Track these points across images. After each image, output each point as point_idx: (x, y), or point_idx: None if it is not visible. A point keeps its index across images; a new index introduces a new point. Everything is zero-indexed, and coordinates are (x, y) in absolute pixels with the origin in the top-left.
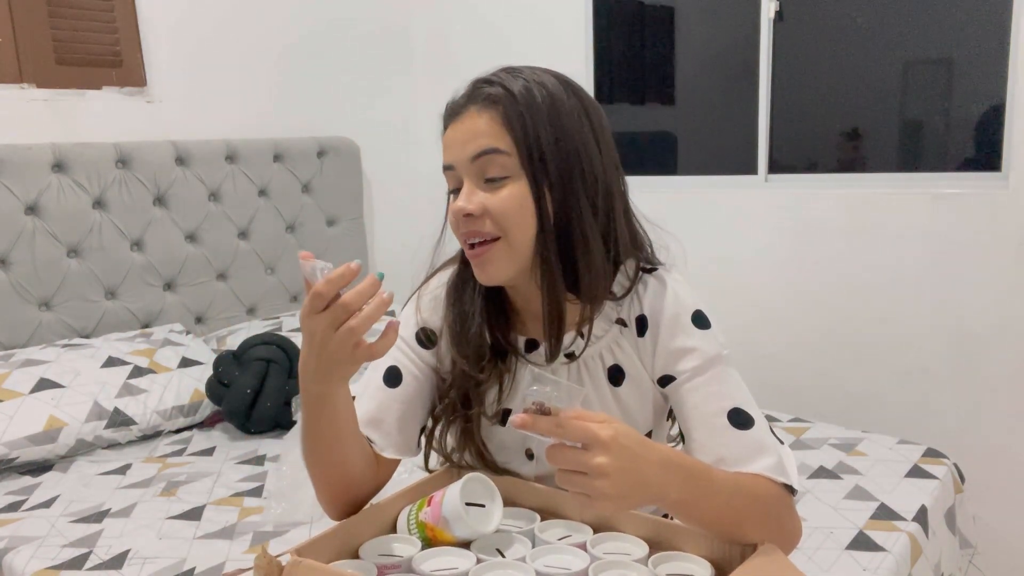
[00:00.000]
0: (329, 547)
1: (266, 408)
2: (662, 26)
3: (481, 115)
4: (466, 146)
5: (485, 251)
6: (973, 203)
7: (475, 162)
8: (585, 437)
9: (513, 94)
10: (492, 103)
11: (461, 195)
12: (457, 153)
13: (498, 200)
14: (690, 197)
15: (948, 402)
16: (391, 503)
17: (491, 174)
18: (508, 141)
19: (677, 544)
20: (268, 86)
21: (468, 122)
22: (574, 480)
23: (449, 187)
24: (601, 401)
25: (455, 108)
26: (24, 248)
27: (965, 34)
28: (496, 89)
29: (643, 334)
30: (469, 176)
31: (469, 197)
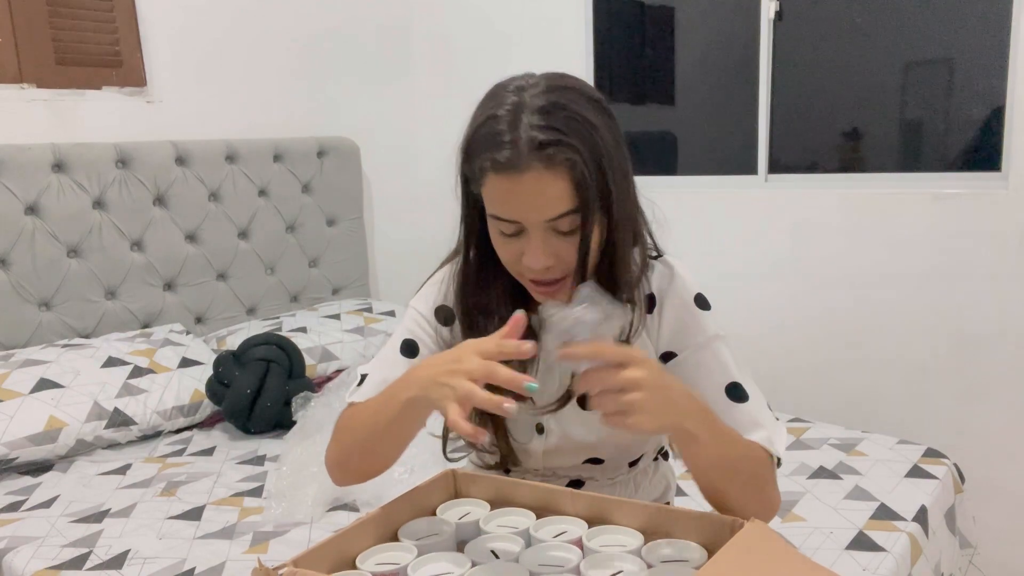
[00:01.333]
0: (326, 557)
1: (266, 408)
2: (662, 26)
3: (550, 176)
4: (539, 209)
5: (558, 286)
6: (973, 203)
7: (550, 222)
8: (623, 356)
9: (578, 150)
10: (559, 163)
11: (535, 250)
12: (526, 213)
13: (574, 252)
14: (690, 197)
15: (948, 402)
16: (388, 513)
17: (564, 228)
18: (579, 200)
19: (671, 530)
20: (268, 86)
21: (536, 183)
22: (614, 399)
23: (495, 224)
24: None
25: (514, 161)
26: (24, 248)
27: (965, 34)
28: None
29: (651, 311)
30: (538, 230)
31: (545, 253)
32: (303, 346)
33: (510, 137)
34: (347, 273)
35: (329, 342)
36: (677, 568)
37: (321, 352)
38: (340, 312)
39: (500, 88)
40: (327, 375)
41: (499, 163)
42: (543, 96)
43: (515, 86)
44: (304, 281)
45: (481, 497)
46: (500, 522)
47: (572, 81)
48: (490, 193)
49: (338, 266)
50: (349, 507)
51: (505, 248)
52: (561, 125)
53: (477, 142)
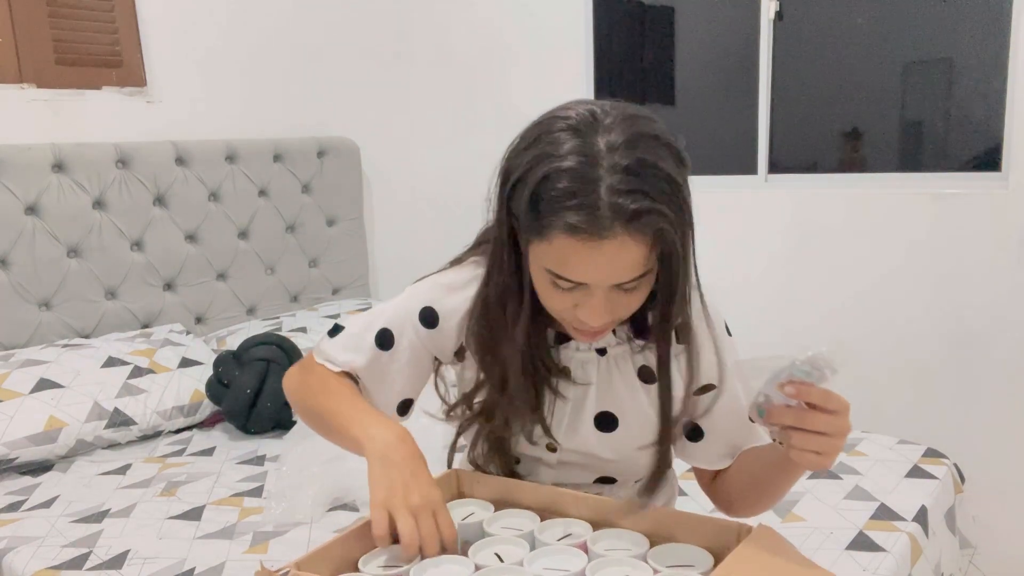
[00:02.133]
0: (328, 560)
1: (266, 408)
2: (662, 26)
3: (633, 244)
4: (614, 275)
5: (602, 334)
6: (973, 203)
7: (619, 284)
8: (840, 405)
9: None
10: (647, 232)
11: (597, 309)
12: (601, 276)
13: (630, 304)
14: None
15: (948, 402)
16: None
17: (631, 287)
18: (653, 259)
19: (676, 535)
20: (268, 86)
21: (618, 250)
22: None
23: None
24: (632, 396)
25: (595, 229)
26: (24, 248)
27: (965, 34)
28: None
29: (681, 340)
30: (603, 290)
31: (607, 312)
32: (303, 346)
33: (590, 200)
34: (347, 273)
35: None
36: (683, 573)
37: None
38: (340, 312)
39: (554, 124)
40: None
41: (576, 228)
42: (627, 149)
43: (578, 123)
44: (304, 281)
45: (485, 497)
46: (504, 524)
47: (653, 126)
48: (555, 252)
49: (338, 266)
50: (349, 507)
51: (556, 299)
52: (651, 189)
53: (544, 194)
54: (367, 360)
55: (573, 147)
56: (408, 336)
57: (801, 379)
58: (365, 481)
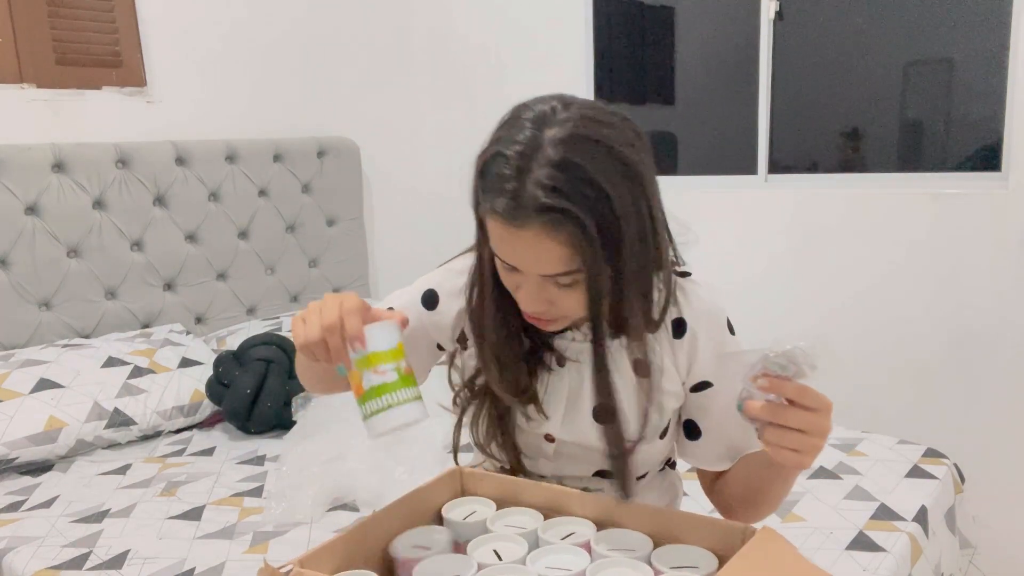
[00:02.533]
0: (331, 557)
1: (266, 408)
2: (662, 26)
3: (549, 240)
4: (536, 265)
5: (550, 325)
6: (973, 203)
7: (546, 277)
8: (820, 402)
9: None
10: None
11: (528, 296)
12: (524, 264)
13: (569, 302)
14: (690, 197)
15: (948, 402)
16: (393, 511)
17: (563, 282)
18: (579, 261)
19: (680, 536)
20: (268, 86)
21: (535, 241)
22: (793, 437)
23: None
24: (626, 388)
25: (515, 215)
26: (24, 248)
27: (965, 34)
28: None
29: (680, 336)
30: (535, 279)
31: (538, 300)
32: None
33: (513, 186)
34: (347, 273)
35: None
36: (686, 574)
37: None
38: None
39: (523, 111)
40: None
41: (497, 213)
42: (562, 147)
43: (538, 114)
44: (304, 281)
45: (488, 496)
46: (507, 522)
47: (603, 131)
48: (491, 232)
49: (338, 266)
50: (349, 507)
51: (505, 277)
52: (571, 191)
53: (485, 176)
54: None
55: (523, 137)
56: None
57: (776, 373)
58: (365, 481)
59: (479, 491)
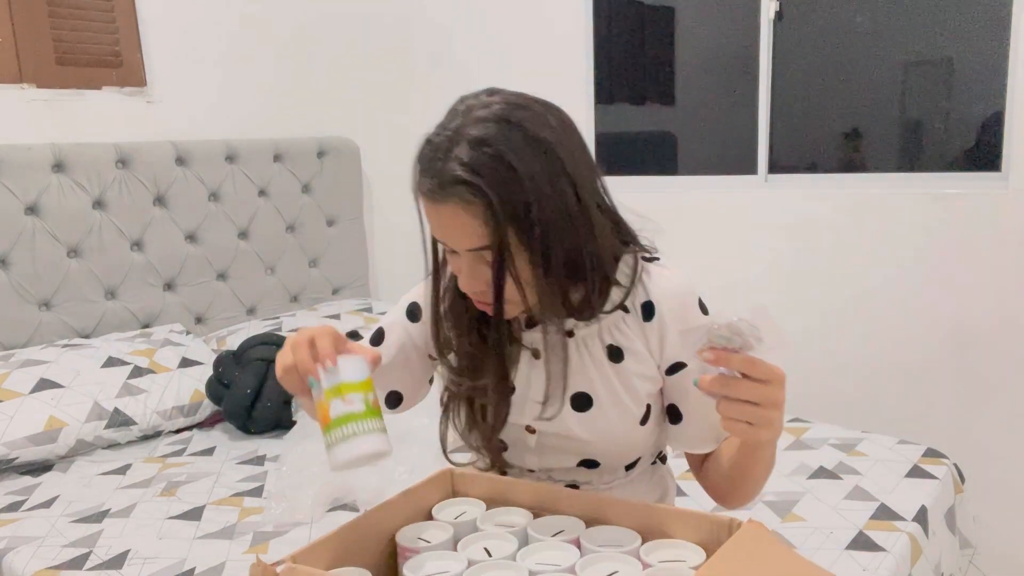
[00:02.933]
0: (325, 554)
1: (266, 408)
2: (662, 26)
3: (465, 214)
4: (457, 239)
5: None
6: (973, 203)
7: (470, 252)
8: (771, 374)
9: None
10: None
11: (464, 275)
12: (448, 239)
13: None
14: (690, 197)
15: (948, 402)
16: (386, 509)
17: (487, 257)
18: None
19: (668, 531)
20: (268, 86)
21: (453, 216)
22: (746, 409)
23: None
24: (601, 375)
25: (435, 192)
26: (24, 248)
27: (965, 34)
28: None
29: (650, 319)
30: (465, 256)
31: (471, 278)
32: None
33: (438, 166)
34: (347, 273)
35: None
36: (675, 568)
37: None
38: (340, 312)
39: (458, 104)
40: None
41: (423, 192)
42: (481, 126)
43: (467, 106)
44: (304, 281)
45: (478, 496)
46: (497, 521)
47: (520, 114)
48: (424, 213)
49: (338, 266)
50: (349, 507)
51: (450, 262)
52: (480, 167)
53: (419, 162)
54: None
55: (452, 124)
56: (397, 332)
57: (723, 345)
58: (365, 481)
59: (470, 492)
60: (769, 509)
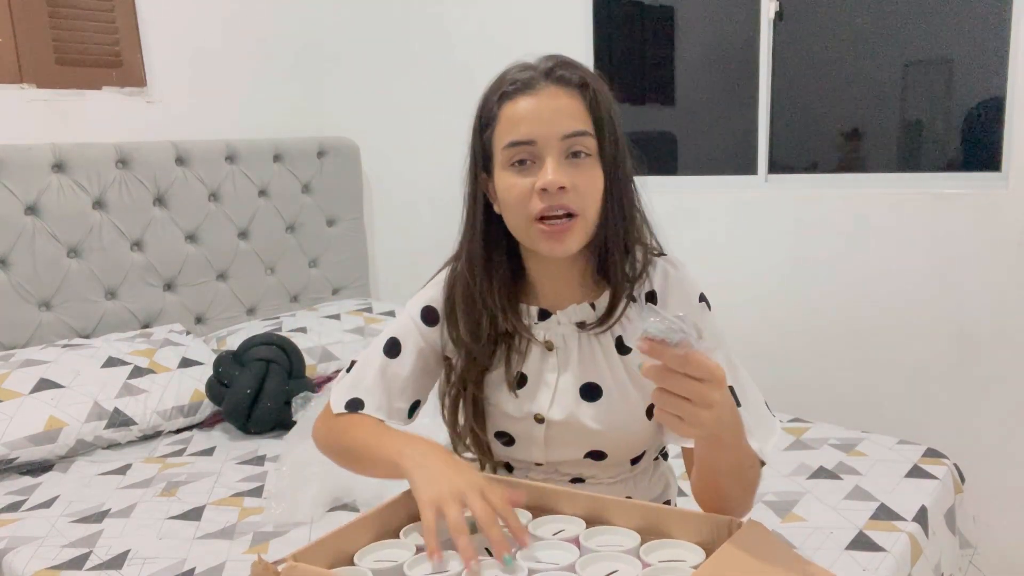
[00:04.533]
0: (326, 553)
1: (266, 408)
2: (662, 26)
3: (565, 95)
4: (555, 123)
5: (567, 226)
6: (973, 203)
7: (565, 140)
8: (707, 373)
9: (588, 82)
10: (575, 86)
11: (548, 168)
12: (543, 128)
13: (586, 178)
14: (690, 197)
15: (948, 402)
16: (388, 509)
17: (579, 149)
18: (591, 125)
19: (668, 531)
20: (268, 86)
21: (553, 100)
22: (678, 404)
23: (509, 160)
24: (610, 366)
25: (530, 82)
26: (24, 248)
27: (965, 34)
28: (573, 73)
29: None
30: (553, 152)
31: (559, 171)
32: (303, 346)
33: (526, 73)
34: (347, 273)
35: (329, 342)
36: (674, 568)
37: (321, 352)
38: (340, 312)
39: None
40: (327, 375)
41: (516, 86)
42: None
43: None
44: (304, 281)
45: None
46: None
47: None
48: (505, 122)
49: (338, 266)
50: (349, 507)
51: (517, 186)
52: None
53: (491, 92)
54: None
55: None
56: (413, 339)
57: (659, 338)
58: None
59: None
60: (769, 509)
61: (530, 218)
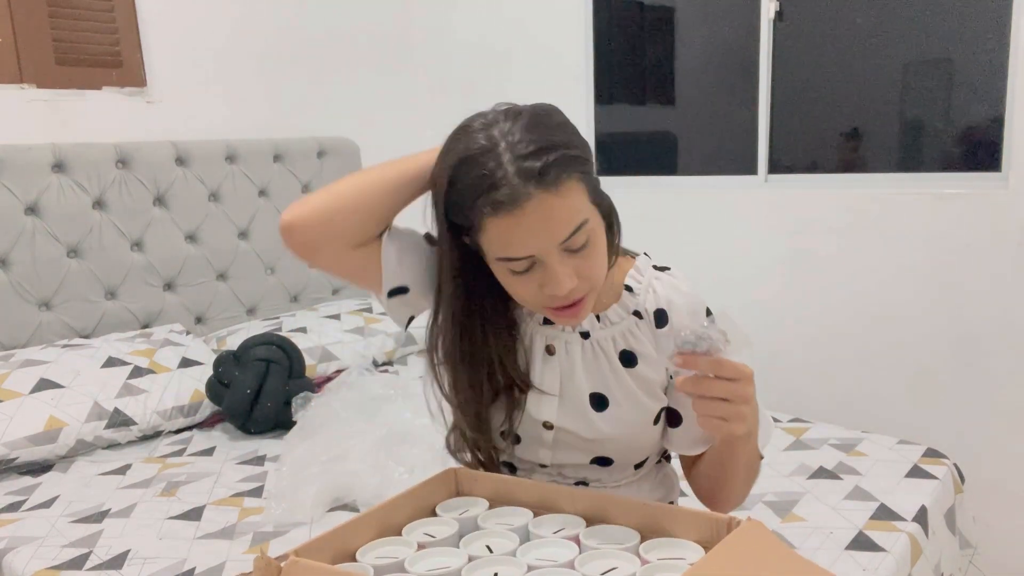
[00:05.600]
0: (328, 549)
1: (266, 408)
2: (662, 26)
3: (554, 198)
4: (550, 234)
5: (578, 310)
6: (973, 203)
7: (565, 242)
8: (737, 372)
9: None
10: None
11: (558, 276)
12: (540, 242)
13: (591, 264)
14: (690, 197)
15: (948, 402)
16: (389, 509)
17: (577, 245)
18: (586, 204)
19: (668, 529)
20: (268, 86)
21: (541, 209)
22: (718, 407)
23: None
24: (616, 378)
25: (514, 197)
26: (24, 248)
27: (965, 34)
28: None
29: (662, 326)
30: (554, 256)
31: (568, 276)
32: (303, 346)
33: (498, 176)
34: None
35: (329, 342)
36: (673, 566)
37: (321, 352)
38: (340, 312)
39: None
40: (327, 375)
41: (496, 206)
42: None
43: (485, 120)
44: (304, 281)
45: (482, 495)
46: (499, 519)
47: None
48: (494, 238)
49: None
50: (349, 507)
51: (520, 286)
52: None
53: (457, 188)
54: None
55: (481, 136)
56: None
57: (690, 350)
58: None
59: (474, 491)
60: (769, 509)
61: (539, 307)
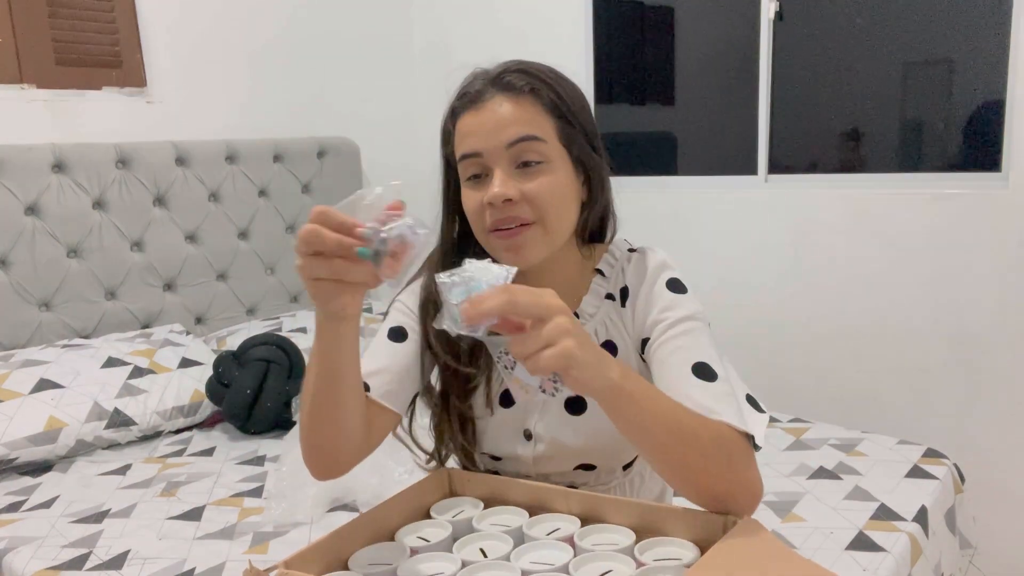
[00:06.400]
0: (318, 558)
1: (266, 408)
2: (662, 26)
3: (510, 101)
4: (499, 133)
5: (519, 234)
6: (973, 203)
7: (510, 149)
8: (539, 305)
9: (543, 84)
10: (525, 91)
11: (496, 182)
12: (488, 140)
13: (537, 186)
14: (690, 197)
15: (948, 402)
16: (381, 513)
17: (527, 158)
18: (547, 128)
19: (663, 529)
20: (268, 86)
21: (496, 107)
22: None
23: (465, 175)
24: None
25: (477, 94)
26: (24, 248)
27: (965, 34)
28: (521, 78)
29: (625, 304)
30: (501, 162)
31: (506, 183)
32: (303, 346)
33: (479, 83)
34: None
35: None
36: (669, 567)
37: None
38: None
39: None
40: None
41: (465, 100)
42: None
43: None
44: None
45: (476, 496)
46: (493, 521)
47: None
48: (458, 136)
49: None
50: (349, 507)
51: (472, 200)
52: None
53: (451, 105)
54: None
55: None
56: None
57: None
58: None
59: (467, 492)
60: (769, 509)
61: (485, 231)
